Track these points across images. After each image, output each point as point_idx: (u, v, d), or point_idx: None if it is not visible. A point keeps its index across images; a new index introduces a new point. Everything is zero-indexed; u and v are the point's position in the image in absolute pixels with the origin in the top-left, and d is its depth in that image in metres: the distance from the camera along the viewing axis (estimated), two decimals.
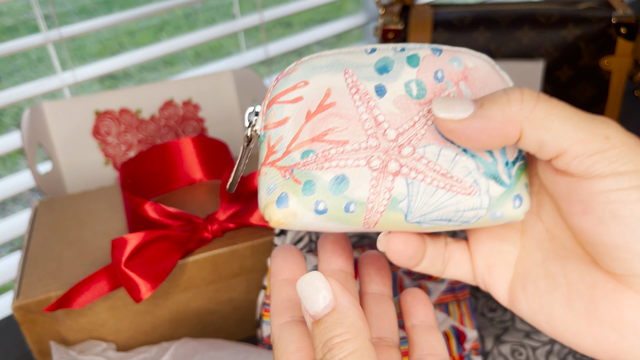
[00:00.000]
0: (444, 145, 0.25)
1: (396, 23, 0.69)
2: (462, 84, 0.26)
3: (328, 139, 0.25)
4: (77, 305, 0.42)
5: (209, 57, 2.48)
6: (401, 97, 0.25)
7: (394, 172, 0.25)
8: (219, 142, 0.54)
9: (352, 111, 0.25)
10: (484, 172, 0.25)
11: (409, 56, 0.26)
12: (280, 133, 0.26)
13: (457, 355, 0.45)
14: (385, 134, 0.25)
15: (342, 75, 0.26)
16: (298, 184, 0.25)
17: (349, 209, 0.25)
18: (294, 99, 0.26)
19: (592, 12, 0.65)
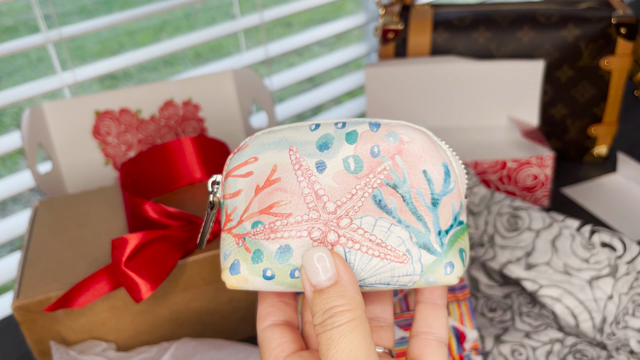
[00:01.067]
0: (380, 216, 0.27)
1: (396, 23, 0.69)
2: (398, 157, 0.28)
3: (274, 211, 0.28)
4: (77, 305, 0.42)
5: (209, 57, 2.48)
6: (340, 172, 0.28)
7: (332, 242, 0.27)
8: (219, 142, 0.54)
9: (295, 186, 0.28)
10: (416, 242, 0.27)
11: (348, 133, 0.28)
12: (234, 204, 0.29)
13: (457, 355, 0.45)
14: (325, 207, 0.28)
15: (287, 152, 0.28)
16: (248, 252, 0.28)
17: (294, 275, 0.28)
18: (246, 174, 0.29)
19: (592, 12, 0.65)
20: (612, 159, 0.73)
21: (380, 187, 0.27)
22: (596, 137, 0.71)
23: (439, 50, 0.68)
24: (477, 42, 0.67)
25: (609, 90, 0.68)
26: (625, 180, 0.69)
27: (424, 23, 0.68)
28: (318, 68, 0.92)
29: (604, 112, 0.69)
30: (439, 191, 0.28)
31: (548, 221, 0.51)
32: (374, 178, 0.28)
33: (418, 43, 0.68)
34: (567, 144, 0.72)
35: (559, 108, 0.70)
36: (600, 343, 0.47)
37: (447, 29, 0.67)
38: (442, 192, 0.28)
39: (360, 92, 1.89)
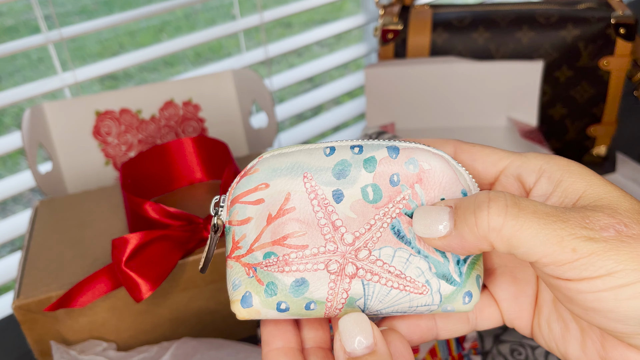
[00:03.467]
0: (399, 247, 0.27)
1: (396, 23, 0.69)
2: (417, 186, 0.27)
3: (288, 243, 0.26)
4: (77, 305, 0.43)
5: (209, 58, 2.48)
6: (358, 202, 0.27)
7: (350, 275, 0.27)
8: (219, 142, 0.55)
9: (311, 216, 0.27)
10: (435, 272, 0.27)
11: (366, 159, 0.27)
12: (243, 231, 0.27)
13: (456, 355, 0.46)
14: (343, 238, 0.27)
15: (301, 179, 0.27)
16: (261, 284, 0.27)
17: (309, 307, 0.27)
18: (256, 201, 0.27)
19: (591, 13, 0.66)
20: (611, 159, 0.74)
21: (399, 217, 0.27)
22: (595, 137, 0.71)
23: (439, 51, 0.68)
24: (477, 42, 0.67)
25: (608, 91, 0.68)
26: (624, 180, 0.70)
27: (423, 23, 0.68)
28: (318, 68, 0.92)
29: (603, 112, 0.69)
30: None
31: None
32: (392, 208, 0.27)
33: (417, 43, 0.69)
34: (566, 144, 0.72)
35: (558, 108, 0.70)
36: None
37: (447, 30, 0.68)
38: None
39: (360, 93, 1.89)
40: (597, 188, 0.24)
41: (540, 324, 0.28)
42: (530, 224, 0.22)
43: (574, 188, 0.24)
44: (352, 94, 1.95)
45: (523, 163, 0.26)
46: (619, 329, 0.23)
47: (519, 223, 0.23)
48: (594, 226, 0.22)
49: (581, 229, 0.22)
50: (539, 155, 0.26)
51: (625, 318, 0.22)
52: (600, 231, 0.22)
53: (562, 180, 0.25)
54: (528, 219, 0.23)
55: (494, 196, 0.24)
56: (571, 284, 0.23)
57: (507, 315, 0.30)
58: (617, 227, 0.22)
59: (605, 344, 0.25)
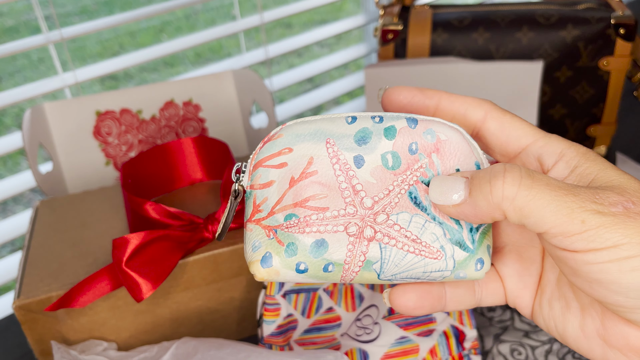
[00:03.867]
0: (415, 213, 0.28)
1: (396, 24, 0.69)
2: (434, 155, 0.28)
3: (310, 205, 0.27)
4: (78, 305, 0.43)
5: (210, 58, 2.48)
6: (378, 167, 0.28)
7: (369, 238, 0.27)
8: (220, 142, 0.55)
9: (333, 180, 0.28)
10: (449, 238, 0.28)
11: (386, 128, 0.28)
12: (265, 194, 0.28)
13: (456, 355, 0.46)
14: (362, 202, 0.28)
15: (323, 145, 0.28)
16: (281, 245, 0.27)
17: (328, 269, 0.28)
18: (279, 164, 0.28)
19: (591, 13, 0.66)
20: (611, 159, 0.74)
21: (416, 184, 0.28)
22: (595, 137, 0.71)
23: (439, 51, 0.68)
24: (477, 42, 0.67)
25: (607, 91, 0.68)
26: None
27: (423, 24, 0.68)
28: (318, 69, 0.92)
29: (603, 112, 0.69)
30: None
31: None
32: (410, 175, 0.28)
33: (417, 44, 0.69)
34: None
35: (558, 108, 0.70)
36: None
37: (447, 30, 0.68)
38: None
39: (360, 93, 1.89)
40: (609, 172, 0.25)
41: (542, 303, 0.29)
42: (542, 195, 0.24)
43: (588, 172, 0.26)
44: (352, 94, 1.95)
45: (545, 144, 0.27)
46: (620, 302, 0.23)
47: (532, 193, 0.24)
48: (603, 202, 0.23)
49: (591, 203, 0.23)
50: (562, 140, 0.27)
51: (627, 290, 0.23)
52: (609, 206, 0.23)
53: (578, 166, 0.26)
54: (541, 190, 0.24)
55: (510, 167, 0.25)
56: (577, 256, 0.23)
57: (510, 293, 0.30)
58: (626, 204, 0.23)
59: (606, 321, 0.26)
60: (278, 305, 0.47)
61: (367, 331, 0.46)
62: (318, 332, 0.47)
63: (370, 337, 0.46)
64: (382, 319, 0.46)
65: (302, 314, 0.47)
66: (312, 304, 0.47)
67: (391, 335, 0.46)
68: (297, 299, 0.47)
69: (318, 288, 0.48)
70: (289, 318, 0.47)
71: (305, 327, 0.47)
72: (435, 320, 0.46)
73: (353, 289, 0.48)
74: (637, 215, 0.23)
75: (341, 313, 0.47)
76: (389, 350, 0.45)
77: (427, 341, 0.45)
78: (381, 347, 0.45)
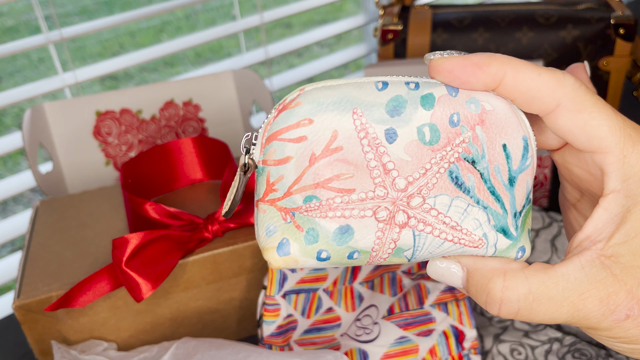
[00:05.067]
0: (456, 195, 0.24)
1: (396, 24, 0.69)
2: (479, 128, 0.24)
3: (333, 186, 0.24)
4: (78, 305, 0.43)
5: (210, 58, 2.48)
6: (413, 142, 0.24)
7: (401, 224, 0.24)
8: (220, 142, 0.55)
9: (360, 157, 0.24)
10: (494, 225, 0.25)
11: (424, 96, 0.24)
12: (280, 172, 0.24)
13: (456, 355, 0.46)
14: (394, 183, 0.24)
15: (350, 115, 0.24)
16: (300, 230, 0.24)
17: (352, 256, 0.25)
18: (297, 138, 0.24)
19: (591, 13, 0.66)
20: None
21: (457, 162, 0.24)
22: None
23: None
24: (476, 42, 0.67)
25: (607, 91, 0.68)
26: None
27: (423, 24, 0.68)
28: (318, 69, 0.92)
29: None
30: (516, 168, 0.25)
31: (547, 221, 0.51)
32: (451, 151, 0.24)
33: (417, 44, 0.69)
34: None
35: None
36: (599, 342, 0.47)
37: (446, 30, 0.68)
38: (519, 169, 0.25)
39: None
40: None
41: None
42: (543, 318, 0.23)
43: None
44: None
45: (622, 167, 0.23)
46: None
47: (533, 314, 0.23)
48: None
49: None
50: None
51: None
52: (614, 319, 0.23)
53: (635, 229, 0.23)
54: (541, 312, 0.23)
55: (510, 277, 0.23)
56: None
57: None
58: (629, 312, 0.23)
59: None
60: (278, 305, 0.47)
61: (366, 331, 0.46)
62: (318, 333, 0.47)
63: (369, 337, 0.46)
64: (382, 319, 0.46)
65: (302, 314, 0.47)
66: (312, 304, 0.47)
67: (391, 335, 0.46)
68: (297, 299, 0.47)
69: (318, 288, 0.48)
70: (288, 318, 0.47)
71: (305, 327, 0.47)
72: (434, 320, 0.46)
73: (353, 290, 0.48)
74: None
75: (341, 313, 0.48)
76: (388, 350, 0.45)
77: (427, 341, 0.45)
78: (381, 347, 0.45)
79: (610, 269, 0.22)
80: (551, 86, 0.23)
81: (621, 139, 0.23)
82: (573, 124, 0.23)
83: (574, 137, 0.23)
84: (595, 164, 0.24)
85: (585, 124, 0.23)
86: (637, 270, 0.22)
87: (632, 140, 0.23)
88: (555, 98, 0.23)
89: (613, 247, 0.23)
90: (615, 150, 0.23)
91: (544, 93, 0.23)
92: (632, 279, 0.22)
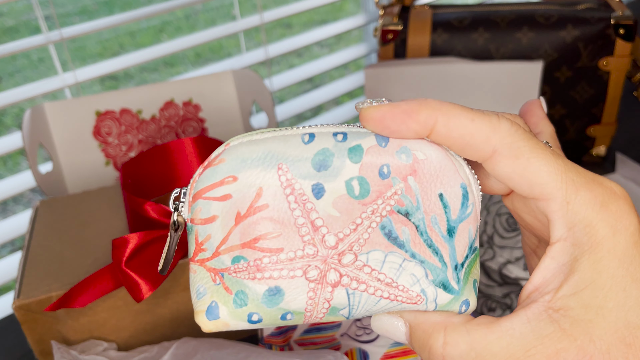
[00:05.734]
0: (390, 250, 0.23)
1: (396, 24, 0.69)
2: (411, 179, 0.23)
3: (260, 246, 0.23)
4: (78, 305, 0.43)
5: (210, 58, 2.48)
6: (342, 197, 0.23)
7: (333, 283, 0.23)
8: (220, 142, 0.55)
9: (287, 215, 0.23)
10: (432, 279, 0.24)
11: (351, 148, 0.23)
12: (208, 231, 0.24)
13: None
14: (324, 241, 0.23)
15: (275, 172, 0.23)
16: (229, 293, 0.24)
17: (286, 317, 0.24)
18: (222, 196, 0.23)
19: (591, 13, 0.66)
20: (610, 159, 0.74)
21: (390, 215, 0.23)
22: (595, 137, 0.71)
23: (438, 51, 0.68)
24: (476, 43, 0.67)
25: (607, 91, 0.68)
26: (624, 180, 0.70)
27: (423, 24, 0.69)
28: (318, 69, 0.92)
29: (603, 112, 0.69)
30: (456, 217, 0.24)
31: None
32: (382, 204, 0.23)
33: (417, 44, 0.69)
34: (565, 144, 0.72)
35: (557, 108, 0.70)
36: None
37: (447, 30, 0.68)
38: (458, 219, 0.24)
39: (360, 93, 1.89)
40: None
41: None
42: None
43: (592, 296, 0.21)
44: (352, 94, 1.96)
45: (565, 215, 0.22)
46: None
47: None
48: None
49: None
50: (592, 210, 0.21)
51: None
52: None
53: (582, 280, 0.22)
54: None
55: (450, 331, 0.22)
56: None
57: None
58: None
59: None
60: None
61: (366, 331, 0.46)
62: (318, 332, 0.47)
63: (370, 337, 0.46)
64: None
65: None
66: None
67: None
68: None
69: None
70: None
71: (305, 327, 0.47)
72: None
73: None
74: None
75: None
76: (388, 351, 0.45)
77: None
78: (381, 347, 0.45)
79: (559, 322, 0.21)
80: (485, 132, 0.22)
81: (563, 185, 0.22)
82: (512, 171, 0.22)
83: (515, 184, 0.23)
84: (540, 211, 0.23)
85: (524, 170, 0.22)
86: (588, 324, 0.21)
87: (574, 186, 0.22)
88: (490, 144, 0.22)
89: (562, 299, 0.21)
90: (557, 197, 0.22)
91: (478, 139, 0.22)
92: (582, 334, 0.21)
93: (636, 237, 0.21)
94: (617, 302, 0.21)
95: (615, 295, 0.21)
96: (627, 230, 0.21)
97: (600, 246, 0.21)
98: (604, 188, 0.22)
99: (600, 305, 0.21)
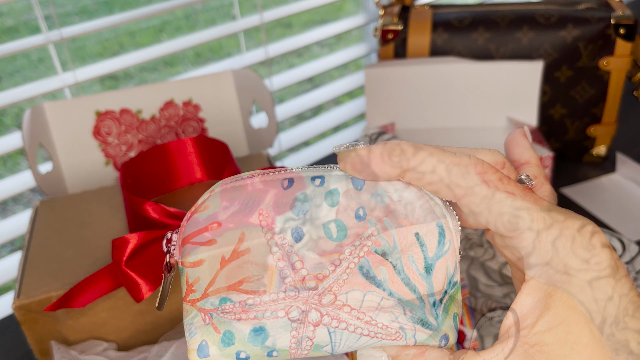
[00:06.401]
0: (368, 289, 0.24)
1: (396, 24, 0.69)
2: (387, 220, 0.24)
3: (244, 288, 0.25)
4: (77, 305, 0.43)
5: (209, 58, 2.48)
6: (320, 240, 0.24)
7: (314, 323, 0.25)
8: (219, 142, 0.55)
9: (269, 258, 0.24)
10: (410, 317, 0.25)
11: (328, 192, 0.24)
12: (197, 274, 0.25)
13: None
14: (304, 282, 0.24)
15: (256, 217, 0.25)
16: (217, 332, 0.25)
17: (272, 354, 0.25)
18: (207, 242, 0.25)
19: (591, 13, 0.66)
20: (611, 159, 0.74)
21: (367, 256, 0.24)
22: (595, 137, 0.71)
23: (439, 51, 0.68)
24: (477, 42, 0.67)
25: (608, 91, 0.68)
26: (624, 180, 0.70)
27: (423, 24, 0.68)
28: (318, 69, 0.92)
29: (603, 112, 0.69)
30: (433, 255, 0.25)
31: None
32: (360, 246, 0.24)
33: (417, 44, 0.69)
34: (566, 144, 0.72)
35: (558, 108, 0.70)
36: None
37: (447, 30, 0.68)
38: (435, 256, 0.25)
39: (360, 93, 1.89)
40: None
41: None
42: None
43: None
44: (352, 94, 1.95)
45: (539, 250, 0.23)
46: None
47: None
48: None
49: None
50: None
51: None
52: None
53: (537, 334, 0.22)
54: None
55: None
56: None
57: None
58: None
59: None
60: None
61: None
62: None
63: None
64: None
65: None
66: None
67: None
68: None
69: None
70: None
71: None
72: None
73: None
74: None
75: None
76: None
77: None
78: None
79: (534, 358, 0.22)
80: (454, 181, 0.23)
81: (533, 223, 0.22)
82: (484, 209, 0.23)
83: (488, 222, 0.23)
84: (515, 247, 0.23)
85: (497, 213, 0.23)
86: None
87: (545, 223, 0.22)
88: (461, 185, 0.23)
89: (537, 334, 0.22)
90: (528, 235, 0.22)
91: (450, 187, 0.23)
92: None
93: (608, 271, 0.22)
94: (591, 338, 0.21)
95: (590, 331, 0.21)
96: (598, 265, 0.22)
97: (572, 282, 0.22)
98: (575, 224, 0.22)
99: (574, 340, 0.21)
